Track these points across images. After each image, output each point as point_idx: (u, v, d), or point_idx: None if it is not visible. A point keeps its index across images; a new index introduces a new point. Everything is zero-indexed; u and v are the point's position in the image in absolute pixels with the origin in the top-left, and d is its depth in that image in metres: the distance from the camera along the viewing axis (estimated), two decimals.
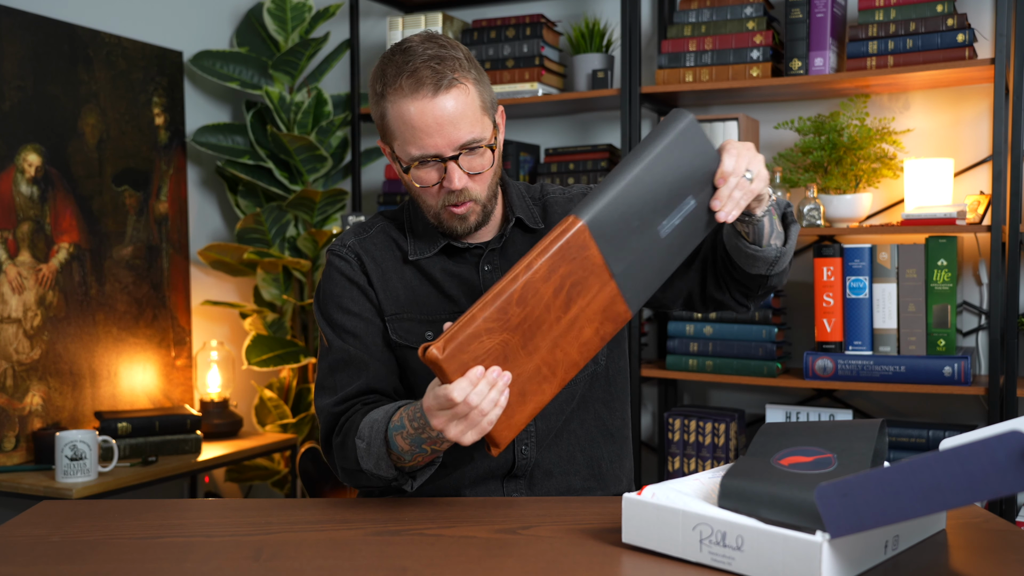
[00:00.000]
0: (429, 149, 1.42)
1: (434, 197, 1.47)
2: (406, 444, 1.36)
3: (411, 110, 1.40)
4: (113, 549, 1.19)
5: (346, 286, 1.55)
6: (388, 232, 1.59)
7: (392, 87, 1.42)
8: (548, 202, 1.63)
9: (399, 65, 1.42)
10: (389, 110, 1.43)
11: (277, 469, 3.19)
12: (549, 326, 1.23)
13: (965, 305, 2.62)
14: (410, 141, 1.42)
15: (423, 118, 1.40)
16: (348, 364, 1.52)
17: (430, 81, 1.40)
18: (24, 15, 2.60)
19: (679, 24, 2.71)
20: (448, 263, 1.56)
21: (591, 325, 1.26)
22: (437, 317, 1.54)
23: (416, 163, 1.44)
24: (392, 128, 1.44)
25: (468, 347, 1.18)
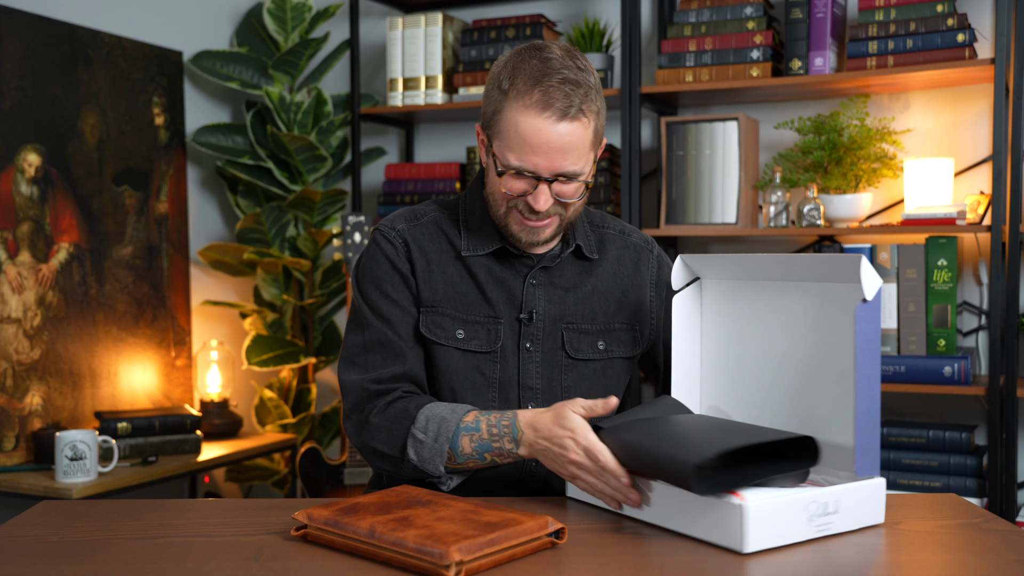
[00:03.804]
0: (529, 165, 1.43)
1: (508, 200, 1.48)
2: (470, 447, 1.40)
3: (530, 125, 1.41)
4: (113, 549, 1.19)
5: (388, 270, 1.55)
6: (440, 224, 1.59)
7: (520, 93, 1.42)
8: (605, 235, 1.65)
9: (534, 74, 1.42)
10: (507, 112, 1.43)
11: (277, 469, 3.18)
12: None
13: (965, 305, 2.62)
14: (515, 150, 1.43)
15: (537, 137, 1.41)
16: (383, 347, 1.52)
17: (559, 105, 1.40)
18: (24, 15, 2.60)
19: (679, 24, 2.71)
20: (495, 266, 1.56)
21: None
22: (471, 317, 1.54)
23: (512, 171, 1.45)
24: (502, 128, 1.45)
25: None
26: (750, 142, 2.67)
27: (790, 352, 1.41)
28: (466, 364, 1.53)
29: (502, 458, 1.41)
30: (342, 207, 3.22)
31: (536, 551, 1.16)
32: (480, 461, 1.42)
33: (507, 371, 1.55)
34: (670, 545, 1.20)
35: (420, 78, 3.00)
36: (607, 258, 1.62)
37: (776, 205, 2.61)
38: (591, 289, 1.59)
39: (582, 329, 1.58)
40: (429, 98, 2.99)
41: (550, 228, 1.50)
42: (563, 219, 1.51)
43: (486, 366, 1.54)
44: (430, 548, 1.07)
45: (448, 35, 3.00)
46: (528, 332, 1.55)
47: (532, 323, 1.55)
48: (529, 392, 1.55)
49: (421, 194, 3.05)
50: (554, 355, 1.56)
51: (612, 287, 1.61)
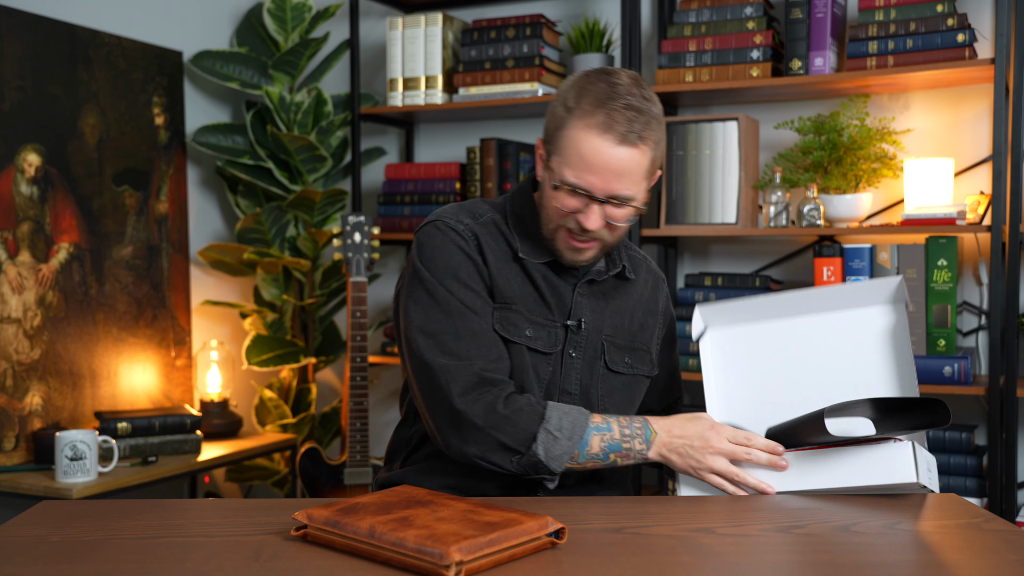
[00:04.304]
0: (584, 184, 1.47)
1: (561, 217, 1.52)
2: (598, 447, 1.48)
3: (591, 145, 1.45)
4: (113, 549, 1.19)
5: (464, 261, 1.55)
6: (498, 225, 1.61)
7: (585, 112, 1.46)
8: (633, 257, 1.73)
9: (600, 95, 1.46)
10: (570, 130, 1.47)
11: (277, 469, 3.19)
12: None
13: (965, 305, 2.62)
14: (573, 168, 1.47)
15: (596, 157, 1.46)
16: (479, 336, 1.52)
17: (621, 129, 1.45)
18: (24, 15, 2.60)
19: (679, 24, 2.71)
20: (549, 272, 1.60)
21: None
22: (536, 319, 1.58)
23: (567, 188, 1.48)
24: (562, 145, 1.49)
25: None
26: (750, 142, 2.67)
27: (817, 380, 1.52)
28: (530, 363, 1.57)
29: (625, 459, 1.50)
30: (342, 207, 3.22)
31: (536, 551, 1.16)
32: (602, 461, 1.49)
33: (554, 374, 1.59)
34: (670, 545, 1.20)
35: (420, 78, 3.00)
36: (638, 280, 1.70)
37: (776, 205, 2.61)
38: (623, 306, 1.67)
39: (616, 343, 1.65)
40: (429, 98, 2.99)
41: (593, 250, 1.56)
42: (606, 243, 1.56)
43: (541, 367, 1.58)
44: (430, 548, 1.07)
45: (448, 35, 3.00)
46: (573, 339, 1.60)
47: (579, 332, 1.60)
48: (567, 397, 1.60)
49: (421, 194, 3.05)
50: (593, 364, 1.62)
51: (637, 308, 1.69)
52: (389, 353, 3.12)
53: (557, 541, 1.18)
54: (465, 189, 3.03)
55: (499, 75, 2.90)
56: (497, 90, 2.90)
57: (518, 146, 2.96)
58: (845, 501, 1.44)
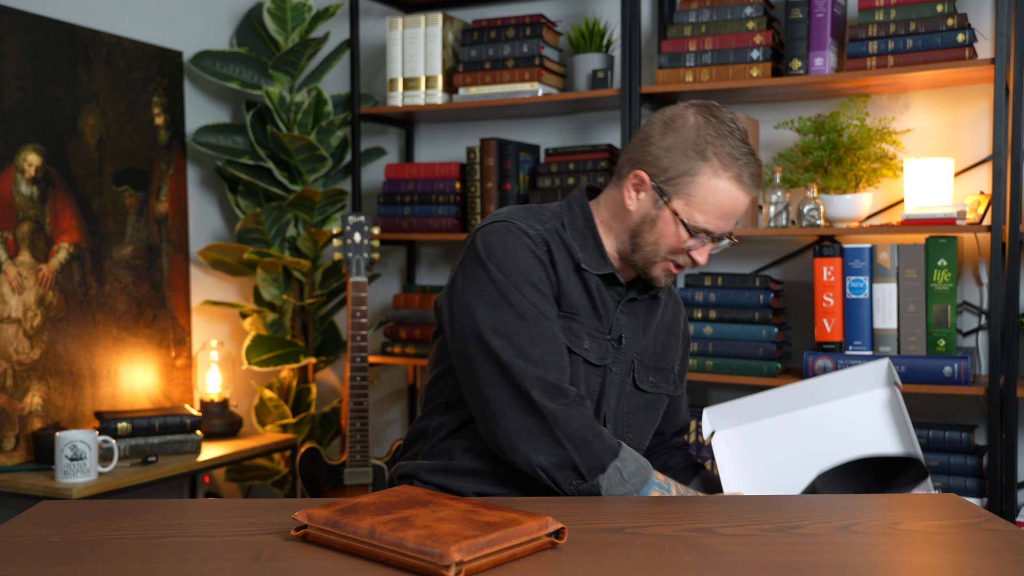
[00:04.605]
0: (714, 228, 1.56)
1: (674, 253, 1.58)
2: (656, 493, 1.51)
3: (731, 196, 1.54)
4: (113, 549, 1.19)
5: (536, 265, 1.56)
6: (560, 233, 1.62)
7: (724, 165, 1.54)
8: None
9: (734, 149, 1.54)
10: (706, 177, 1.53)
11: (277, 469, 3.19)
12: None
13: (965, 305, 2.62)
14: (707, 214, 1.55)
15: (733, 207, 1.55)
16: (550, 343, 1.52)
17: (755, 182, 1.56)
18: (24, 15, 2.60)
19: (679, 24, 2.71)
20: (602, 286, 1.62)
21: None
22: (592, 331, 1.60)
23: (698, 230, 1.55)
24: (694, 191, 1.54)
25: None
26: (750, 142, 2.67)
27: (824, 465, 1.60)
28: (584, 374, 1.60)
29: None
30: (342, 207, 3.22)
31: (536, 551, 1.16)
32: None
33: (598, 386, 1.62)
34: (670, 545, 1.20)
35: (420, 78, 3.00)
36: (664, 303, 1.74)
37: (776, 205, 2.61)
38: (651, 327, 1.69)
39: (644, 362, 1.68)
40: (429, 98, 2.99)
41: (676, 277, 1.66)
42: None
43: (592, 379, 1.61)
44: (430, 548, 1.07)
45: (448, 35, 3.00)
46: (612, 353, 1.63)
47: (619, 348, 1.63)
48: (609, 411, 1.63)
49: (421, 194, 3.05)
50: (624, 380, 1.66)
51: (661, 329, 1.72)
52: (389, 353, 3.12)
53: (557, 541, 1.18)
54: (465, 189, 3.03)
55: (499, 75, 2.90)
56: (497, 90, 2.90)
57: (518, 146, 2.97)
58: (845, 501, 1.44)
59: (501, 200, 2.94)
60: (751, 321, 2.63)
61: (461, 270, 1.58)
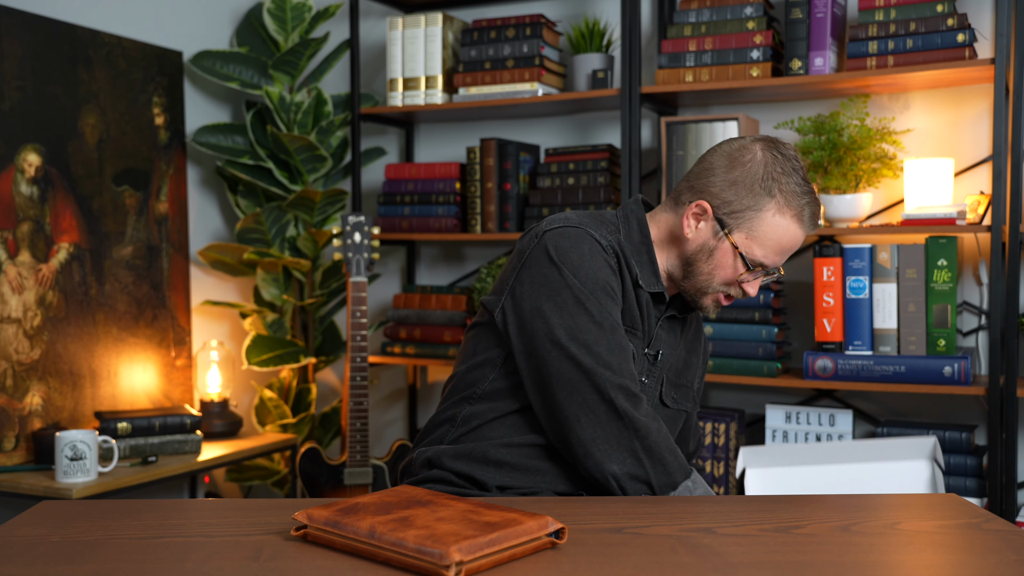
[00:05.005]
0: (771, 264, 1.59)
1: (728, 284, 1.61)
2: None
3: (790, 232, 1.57)
4: (113, 549, 1.19)
5: (611, 275, 1.57)
6: (621, 247, 1.63)
7: (789, 204, 1.56)
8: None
9: (797, 188, 1.56)
10: (770, 213, 1.56)
11: (277, 469, 3.19)
12: None
13: (965, 305, 2.62)
14: (767, 250, 1.58)
15: (792, 244, 1.59)
16: (623, 351, 1.54)
17: (815, 221, 1.59)
18: (24, 15, 2.60)
19: (679, 24, 2.71)
20: (648, 302, 1.64)
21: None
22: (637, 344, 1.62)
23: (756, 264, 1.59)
24: (757, 226, 1.56)
25: None
26: None
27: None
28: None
29: None
30: (342, 207, 3.22)
31: (536, 551, 1.16)
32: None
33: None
34: (670, 545, 1.20)
35: (420, 78, 3.00)
36: (688, 320, 1.75)
37: None
38: (680, 345, 1.73)
39: (669, 378, 1.71)
40: (429, 98, 2.99)
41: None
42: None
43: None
44: (430, 548, 1.07)
45: (448, 35, 3.00)
46: (648, 368, 1.65)
47: (655, 363, 1.66)
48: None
49: (421, 194, 3.05)
50: (653, 395, 1.68)
51: (684, 347, 1.74)
52: (389, 353, 3.12)
53: (557, 541, 1.18)
54: (465, 189, 3.03)
55: (499, 75, 2.90)
56: (497, 90, 2.90)
57: (518, 146, 2.96)
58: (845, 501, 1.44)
59: (501, 200, 2.93)
60: (751, 321, 2.63)
61: (527, 270, 1.57)
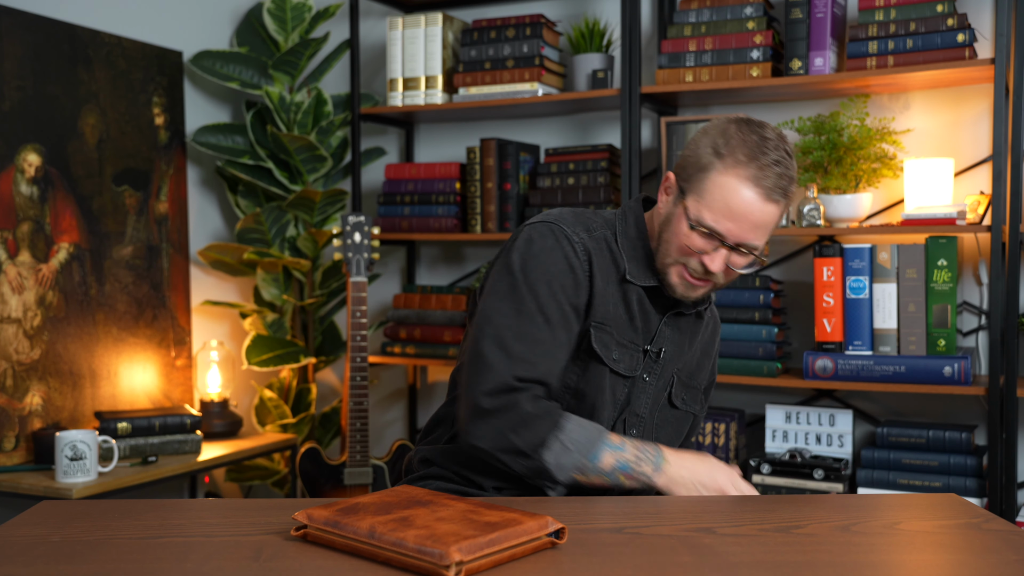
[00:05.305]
0: (721, 230, 1.50)
1: (685, 255, 1.54)
2: (609, 464, 1.50)
3: (739, 195, 1.48)
4: (113, 549, 1.19)
5: (565, 272, 1.56)
6: (608, 243, 1.62)
7: (737, 162, 1.49)
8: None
9: (753, 146, 1.49)
10: (717, 175, 1.49)
11: (277, 469, 3.19)
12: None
13: (965, 305, 2.62)
14: (714, 212, 1.50)
15: (741, 208, 1.48)
16: (536, 344, 1.53)
17: (770, 185, 1.48)
18: (24, 15, 2.60)
19: (679, 24, 2.71)
20: (644, 297, 1.62)
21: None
22: (624, 341, 1.60)
23: (702, 230, 1.50)
24: (706, 188, 1.50)
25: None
26: None
27: None
28: (610, 384, 1.60)
29: (631, 481, 1.51)
30: (342, 207, 3.22)
31: (536, 551, 1.16)
32: (608, 479, 1.51)
33: (628, 396, 1.62)
34: (670, 545, 1.20)
35: (420, 78, 3.00)
36: (705, 321, 1.72)
37: None
38: (693, 344, 1.70)
39: (680, 378, 1.69)
40: (429, 98, 2.99)
41: (704, 290, 1.58)
42: (717, 285, 1.58)
43: (619, 389, 1.61)
44: (430, 548, 1.07)
45: (448, 35, 3.00)
46: (650, 365, 1.63)
47: (657, 360, 1.63)
48: (635, 419, 1.64)
49: (421, 194, 3.05)
50: (659, 395, 1.66)
51: (698, 348, 1.71)
52: (389, 353, 3.12)
53: (557, 541, 1.18)
54: (465, 189, 3.03)
55: (499, 75, 2.90)
56: (497, 90, 2.90)
57: (518, 146, 2.96)
58: (845, 501, 1.44)
59: (501, 200, 2.93)
60: (751, 321, 2.63)
61: (498, 260, 1.62)
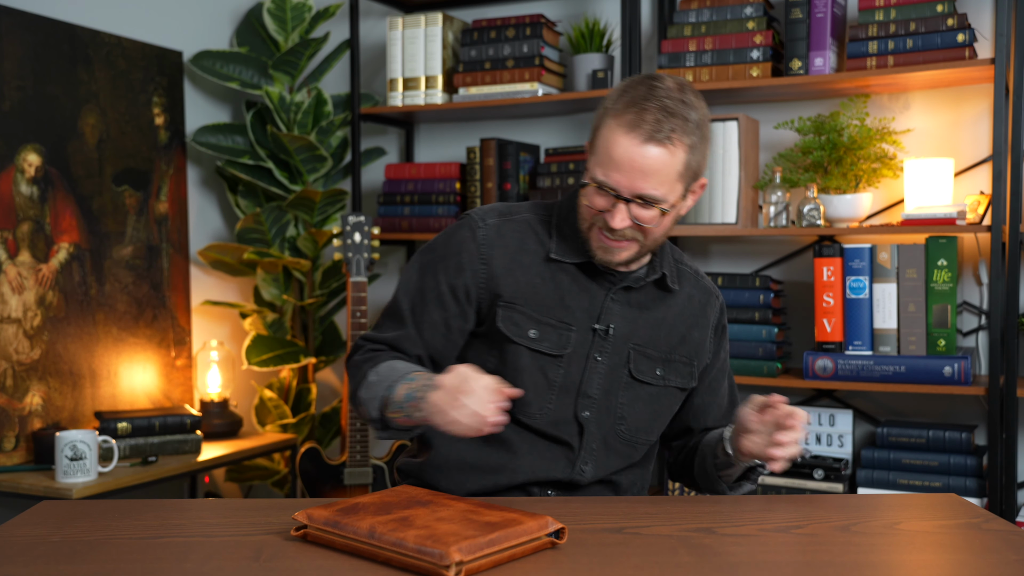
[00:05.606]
0: (611, 182, 1.47)
1: (592, 215, 1.53)
2: (401, 395, 1.47)
3: (618, 142, 1.46)
4: (113, 549, 1.19)
5: (454, 255, 1.60)
6: (532, 225, 1.63)
7: (617, 111, 1.48)
8: (683, 271, 1.71)
9: (636, 97, 1.47)
10: (603, 128, 1.49)
11: (277, 469, 3.19)
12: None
13: (965, 305, 2.62)
14: (602, 165, 1.48)
15: (622, 155, 1.46)
16: (396, 319, 1.62)
17: (648, 128, 1.45)
18: (24, 15, 2.60)
19: (679, 24, 2.71)
20: (580, 276, 1.61)
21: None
22: (546, 320, 1.59)
23: (595, 185, 1.49)
24: (596, 143, 1.51)
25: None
26: (750, 142, 2.67)
27: None
28: (532, 364, 1.58)
29: (414, 409, 1.45)
30: (342, 207, 3.22)
31: (536, 551, 1.16)
32: (399, 411, 1.48)
33: (570, 377, 1.60)
34: (670, 545, 1.20)
35: (420, 78, 3.00)
36: (682, 293, 1.68)
37: (776, 205, 2.61)
38: (661, 318, 1.65)
39: (647, 353, 1.64)
40: (429, 98, 2.99)
41: (627, 252, 1.55)
42: (642, 245, 1.54)
43: (551, 369, 1.59)
44: (430, 548, 1.07)
45: (448, 35, 3.00)
46: (599, 344, 1.60)
47: (607, 337, 1.60)
48: (587, 400, 1.60)
49: (421, 194, 3.05)
50: (617, 371, 1.62)
51: (679, 321, 1.67)
52: None
53: (557, 541, 1.18)
54: (465, 189, 3.03)
55: (499, 75, 2.90)
56: (497, 90, 2.90)
57: (518, 146, 2.97)
58: (845, 501, 1.44)
59: (501, 200, 2.94)
60: (751, 321, 2.63)
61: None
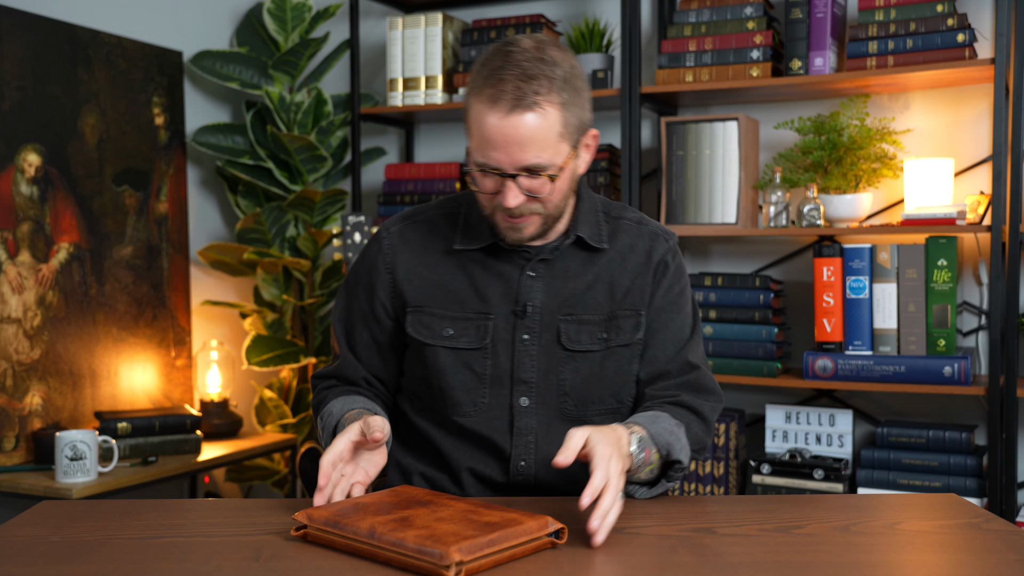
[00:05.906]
0: (492, 162, 1.41)
1: (489, 201, 1.47)
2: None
3: (484, 120, 1.40)
4: (113, 549, 1.19)
5: (364, 273, 1.63)
6: (436, 222, 1.60)
7: (477, 87, 1.41)
8: (620, 225, 1.60)
9: (493, 68, 1.40)
10: (470, 109, 1.43)
11: (277, 469, 3.19)
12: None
13: (965, 305, 2.62)
14: (478, 148, 1.42)
15: (492, 132, 1.39)
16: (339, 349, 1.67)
17: (509, 97, 1.37)
18: (24, 15, 2.60)
19: (679, 24, 2.71)
20: (490, 260, 1.55)
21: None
22: (461, 314, 1.53)
23: (478, 168, 1.43)
24: (469, 126, 1.44)
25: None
26: (750, 142, 2.67)
27: None
28: (455, 361, 1.53)
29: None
30: (342, 207, 3.22)
31: (536, 551, 1.16)
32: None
33: (500, 366, 1.53)
34: (670, 545, 1.20)
35: (420, 78, 3.00)
36: (616, 247, 1.57)
37: (776, 205, 2.61)
38: (594, 279, 1.55)
39: (582, 320, 1.54)
40: (429, 98, 2.99)
41: (532, 226, 1.48)
42: (546, 216, 1.47)
43: (476, 362, 1.52)
44: (430, 548, 1.07)
45: (448, 35, 3.00)
46: (524, 325, 1.52)
47: (527, 316, 1.52)
48: (523, 386, 1.52)
49: (421, 194, 3.05)
50: (551, 348, 1.53)
51: (620, 275, 1.56)
52: None
53: (557, 541, 1.18)
54: (465, 189, 3.03)
55: None
56: None
57: None
58: (845, 501, 1.44)
59: None
60: (751, 321, 2.63)
61: None
